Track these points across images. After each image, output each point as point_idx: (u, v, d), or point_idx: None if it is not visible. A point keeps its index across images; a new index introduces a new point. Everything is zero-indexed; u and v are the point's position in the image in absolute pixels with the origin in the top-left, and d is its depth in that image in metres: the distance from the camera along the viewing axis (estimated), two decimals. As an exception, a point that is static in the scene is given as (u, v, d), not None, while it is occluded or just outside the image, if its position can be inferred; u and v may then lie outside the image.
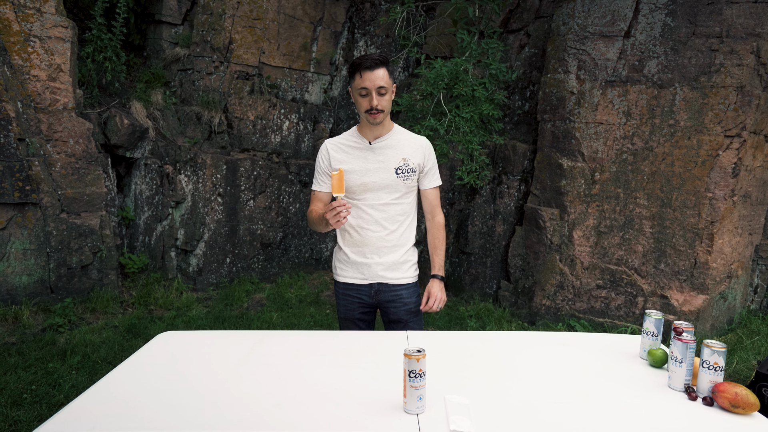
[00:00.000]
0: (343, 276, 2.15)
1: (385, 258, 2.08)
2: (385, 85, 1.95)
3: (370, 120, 1.99)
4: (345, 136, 2.14)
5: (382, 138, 2.08)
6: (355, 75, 1.95)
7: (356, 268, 2.11)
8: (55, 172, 4.06)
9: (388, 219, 2.06)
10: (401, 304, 2.12)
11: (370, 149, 2.07)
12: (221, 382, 1.52)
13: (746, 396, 1.38)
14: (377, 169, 2.05)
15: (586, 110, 4.28)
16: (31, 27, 3.90)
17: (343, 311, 2.18)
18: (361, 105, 1.99)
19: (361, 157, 2.06)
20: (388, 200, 2.06)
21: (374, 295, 2.12)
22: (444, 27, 5.35)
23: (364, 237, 2.07)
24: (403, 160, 2.06)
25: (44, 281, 4.05)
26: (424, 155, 2.11)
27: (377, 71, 1.92)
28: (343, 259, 2.15)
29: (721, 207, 3.87)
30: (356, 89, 1.97)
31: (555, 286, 4.40)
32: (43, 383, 3.06)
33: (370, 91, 1.94)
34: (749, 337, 4.01)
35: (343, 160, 2.07)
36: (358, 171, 2.05)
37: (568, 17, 4.38)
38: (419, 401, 1.35)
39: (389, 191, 2.05)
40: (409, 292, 2.13)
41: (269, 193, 5.20)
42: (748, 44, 3.70)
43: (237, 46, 5.04)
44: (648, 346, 1.77)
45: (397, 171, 2.05)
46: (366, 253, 2.09)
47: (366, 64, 1.91)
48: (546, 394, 1.50)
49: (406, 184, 2.07)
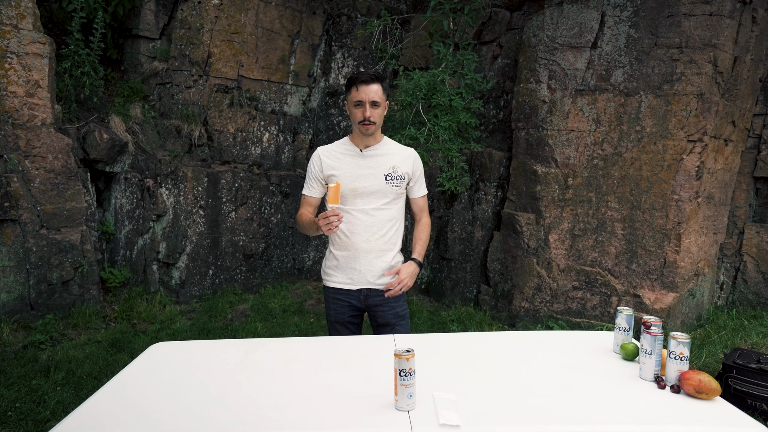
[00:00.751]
0: (332, 281, 2.24)
1: (373, 263, 2.17)
2: (379, 100, 2.08)
3: (363, 131, 2.11)
4: (337, 144, 2.25)
5: (372, 147, 2.19)
6: (351, 88, 2.09)
7: (345, 273, 2.20)
8: (34, 187, 4.03)
9: (377, 224, 2.16)
10: (389, 308, 2.21)
11: (361, 156, 2.18)
12: (217, 389, 1.58)
13: (709, 382, 1.50)
14: (368, 175, 2.15)
15: (558, 118, 4.45)
16: (8, 43, 3.89)
17: (334, 315, 2.25)
18: (355, 116, 2.11)
19: (352, 163, 2.17)
20: (377, 205, 2.16)
21: (363, 299, 2.21)
22: (420, 39, 5.50)
23: (353, 241, 2.16)
24: (392, 167, 2.17)
25: (24, 298, 4.01)
26: (413, 165, 2.24)
27: (372, 86, 2.06)
28: (333, 264, 2.23)
29: (687, 208, 4.06)
30: (351, 101, 2.10)
31: (533, 289, 4.54)
32: (27, 400, 3.03)
33: (364, 103, 2.06)
34: (717, 332, 4.21)
35: (335, 166, 2.16)
36: (349, 176, 2.14)
37: (537, 29, 4.56)
38: (410, 398, 1.43)
39: (378, 197, 2.16)
40: (396, 297, 2.21)
41: (251, 204, 5.23)
42: (706, 54, 3.92)
43: (216, 60, 5.09)
44: (620, 340, 1.89)
45: (386, 177, 2.16)
46: (355, 257, 2.17)
47: (362, 78, 2.05)
48: (528, 387, 1.60)
49: (395, 190, 2.18)
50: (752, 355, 3.13)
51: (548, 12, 4.52)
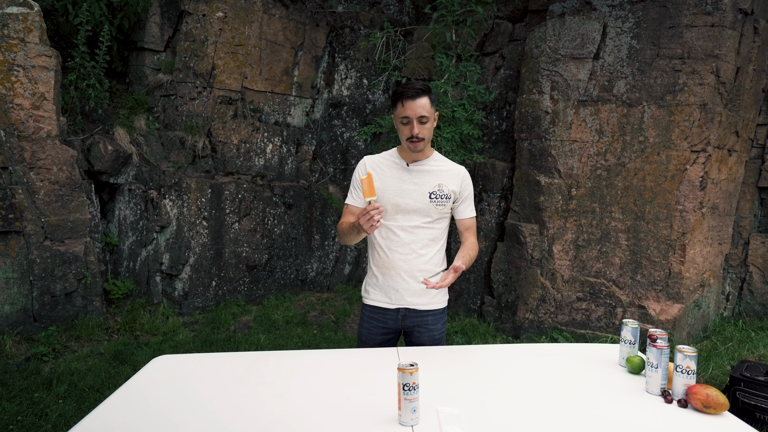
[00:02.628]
0: (370, 299, 2.16)
1: (411, 282, 2.08)
2: (427, 114, 1.96)
3: (411, 148, 2.01)
4: (384, 155, 2.16)
5: (419, 162, 2.09)
6: (397, 104, 1.98)
7: (384, 292, 2.12)
8: (39, 199, 4.05)
9: (417, 242, 2.07)
10: (426, 330, 2.13)
11: (407, 170, 2.08)
12: (221, 403, 1.57)
13: (716, 397, 1.48)
14: (411, 191, 2.06)
15: (561, 129, 4.46)
16: (15, 57, 3.93)
17: (365, 334, 2.18)
18: (402, 133, 2.00)
19: (397, 177, 2.08)
20: (419, 223, 2.06)
21: (401, 320, 2.13)
22: (422, 51, 5.53)
23: (392, 259, 2.08)
24: (438, 186, 2.07)
25: (27, 310, 4.01)
26: (461, 183, 2.11)
27: (419, 100, 1.93)
28: (372, 282, 2.16)
29: (691, 219, 4.05)
30: (398, 117, 1.99)
31: (537, 300, 4.52)
32: (29, 414, 3.02)
33: (412, 119, 1.95)
34: (723, 344, 4.17)
35: (380, 177, 2.08)
36: (393, 190, 2.06)
37: (540, 40, 4.58)
38: (413, 413, 1.42)
39: (421, 215, 2.06)
40: (435, 319, 2.13)
41: (254, 215, 5.24)
42: (708, 65, 3.93)
43: (220, 72, 5.12)
44: (626, 353, 1.87)
45: (430, 195, 2.06)
46: (393, 276, 2.09)
47: (408, 93, 1.93)
48: (532, 402, 1.58)
49: (438, 209, 2.07)
50: (760, 368, 3.09)
51: (550, 23, 4.54)
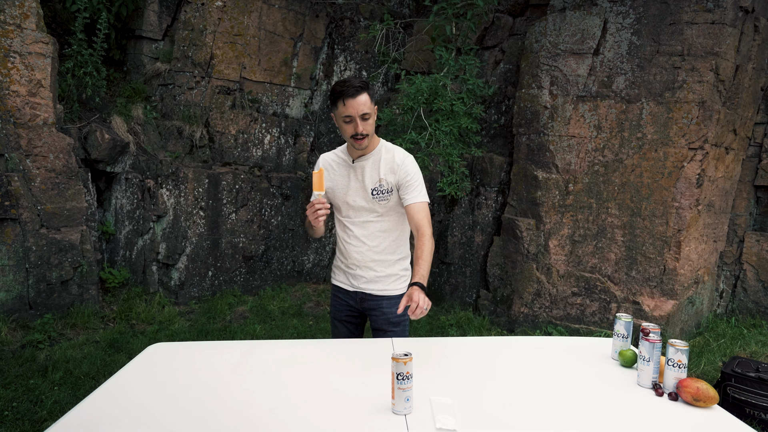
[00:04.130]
0: (335, 279, 2.31)
1: (366, 272, 2.17)
2: (369, 111, 1.96)
3: (356, 145, 2.03)
4: (337, 152, 2.20)
5: (363, 157, 2.11)
6: (338, 103, 1.96)
7: (344, 274, 2.26)
8: (35, 187, 4.04)
9: (369, 236, 2.14)
10: (380, 313, 2.19)
11: (351, 168, 2.13)
12: (215, 391, 1.57)
13: (706, 390, 1.50)
14: (356, 189, 2.11)
15: (559, 124, 4.46)
16: (11, 43, 3.90)
17: (333, 311, 2.34)
18: (345, 131, 2.01)
19: (344, 175, 2.14)
20: (368, 218, 2.13)
21: (359, 301, 2.23)
22: (422, 44, 5.51)
23: (348, 250, 2.18)
24: (379, 181, 2.08)
25: (23, 297, 4.00)
26: (398, 172, 2.06)
27: (359, 97, 1.92)
28: (336, 264, 2.30)
29: (687, 216, 4.06)
30: (340, 116, 1.98)
31: (532, 294, 4.54)
32: (24, 400, 3.03)
33: (354, 117, 1.95)
34: (716, 340, 4.20)
35: (330, 177, 2.16)
36: (341, 189, 2.14)
37: (540, 35, 4.57)
38: (407, 402, 1.43)
39: (368, 211, 2.12)
40: (390, 303, 2.18)
41: (251, 206, 5.24)
42: (708, 62, 3.93)
43: (218, 62, 5.10)
44: (619, 347, 1.89)
45: (372, 192, 2.09)
46: (350, 265, 2.20)
47: (349, 92, 1.91)
48: (525, 393, 1.59)
49: (382, 204, 2.10)
50: (751, 364, 3.12)
51: (551, 18, 4.53)
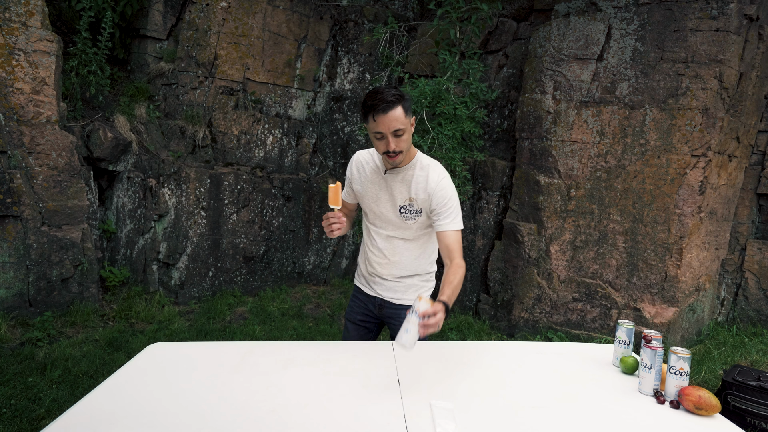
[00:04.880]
0: (357, 280, 2.27)
1: (386, 283, 2.13)
2: (402, 126, 1.77)
3: (388, 163, 1.89)
4: (373, 154, 2.04)
5: (396, 170, 1.95)
6: (368, 118, 1.79)
7: (365, 279, 2.20)
8: (37, 184, 4.04)
9: (391, 250, 2.05)
10: (400, 323, 2.12)
11: (383, 178, 1.99)
12: (215, 391, 1.57)
13: (709, 399, 1.49)
14: (386, 200, 2.00)
15: (562, 129, 4.45)
16: (16, 40, 3.91)
17: (348, 311, 2.27)
18: (377, 147, 1.86)
19: (375, 182, 2.01)
20: (393, 233, 2.03)
21: (377, 307, 2.18)
22: (426, 47, 5.51)
23: (370, 258, 2.13)
24: (409, 200, 1.95)
25: (23, 295, 4.00)
26: (432, 197, 1.91)
27: (391, 113, 1.74)
28: (360, 266, 2.23)
29: (689, 223, 4.05)
30: (372, 132, 1.82)
31: (533, 299, 4.52)
32: (22, 398, 3.02)
33: (386, 134, 1.78)
34: (716, 348, 4.18)
35: (360, 180, 2.04)
36: (371, 196, 2.03)
37: (544, 40, 4.57)
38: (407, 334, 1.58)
39: (394, 226, 2.02)
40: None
41: (252, 207, 5.23)
42: (712, 69, 3.93)
43: (222, 62, 5.10)
44: (620, 354, 1.88)
45: (400, 210, 1.97)
46: (371, 270, 2.15)
47: (379, 107, 1.73)
48: (525, 399, 1.59)
49: (409, 224, 1.98)
50: (752, 373, 3.11)
51: (555, 23, 4.53)
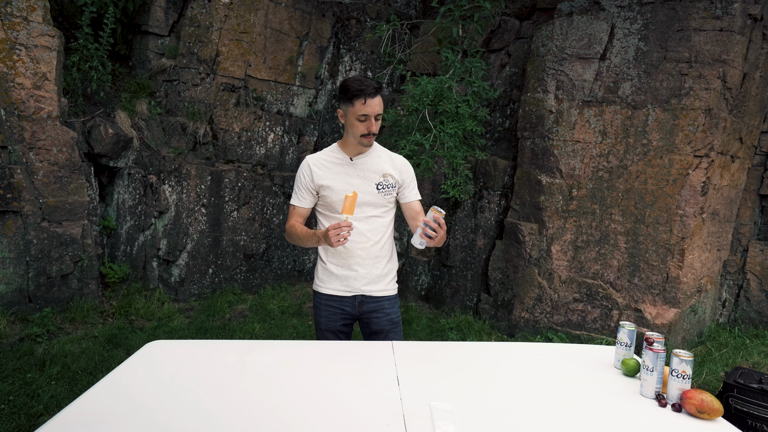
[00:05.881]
0: (326, 288, 2.18)
1: (368, 270, 2.14)
2: (381, 111, 2.03)
3: (365, 143, 2.07)
4: (326, 152, 2.18)
5: (362, 155, 2.14)
6: (355, 101, 1.98)
7: (340, 280, 2.15)
8: (37, 180, 4.03)
9: (372, 230, 2.13)
10: (383, 314, 2.18)
11: (351, 165, 2.13)
12: (212, 390, 1.56)
13: (711, 402, 1.48)
14: (359, 184, 2.10)
15: (564, 129, 4.43)
16: (17, 35, 3.90)
17: (325, 322, 2.19)
18: (357, 129, 2.03)
19: (343, 173, 2.12)
20: (371, 213, 2.12)
21: (357, 306, 2.18)
22: (428, 45, 5.49)
23: (350, 249, 2.11)
24: (383, 176, 2.14)
25: (22, 290, 3.99)
26: (401, 171, 2.19)
27: (377, 98, 1.99)
28: (327, 271, 2.18)
29: (691, 224, 4.03)
30: (355, 114, 2.00)
31: (533, 299, 4.51)
32: (21, 394, 3.01)
33: (370, 117, 2.00)
34: (718, 350, 4.17)
35: (325, 176, 2.11)
36: (341, 186, 2.10)
37: (547, 39, 4.55)
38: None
39: (372, 206, 2.12)
40: (390, 303, 2.21)
41: (253, 204, 5.22)
42: (715, 69, 3.91)
43: (223, 59, 5.09)
44: (622, 355, 1.86)
45: (377, 186, 2.12)
46: (351, 265, 2.13)
47: (369, 92, 1.96)
48: (526, 401, 1.57)
49: (387, 199, 2.15)
50: (754, 375, 3.09)
51: (558, 22, 4.51)
